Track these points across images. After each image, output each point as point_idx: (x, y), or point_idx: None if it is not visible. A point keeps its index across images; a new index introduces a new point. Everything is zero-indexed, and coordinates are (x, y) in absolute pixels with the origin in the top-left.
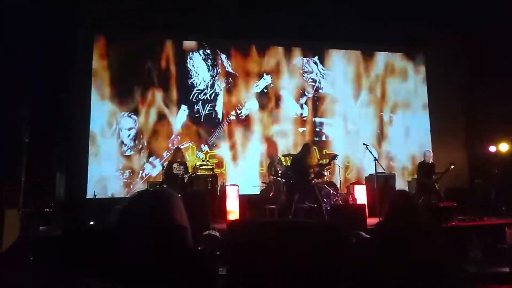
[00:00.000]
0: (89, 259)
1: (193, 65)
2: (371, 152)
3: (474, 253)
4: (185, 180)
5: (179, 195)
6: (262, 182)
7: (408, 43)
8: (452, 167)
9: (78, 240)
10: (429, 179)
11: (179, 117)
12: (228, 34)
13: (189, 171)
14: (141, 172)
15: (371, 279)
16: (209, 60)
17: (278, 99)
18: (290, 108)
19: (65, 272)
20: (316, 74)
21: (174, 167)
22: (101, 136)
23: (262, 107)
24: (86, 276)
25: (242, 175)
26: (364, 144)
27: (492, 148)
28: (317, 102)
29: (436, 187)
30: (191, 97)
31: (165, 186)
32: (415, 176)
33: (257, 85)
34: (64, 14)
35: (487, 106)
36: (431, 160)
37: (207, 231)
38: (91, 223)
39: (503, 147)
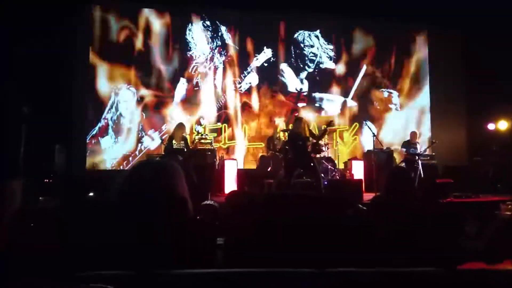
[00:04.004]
0: (89, 230)
1: (192, 37)
2: (370, 128)
3: (469, 229)
4: (185, 154)
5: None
6: (260, 157)
7: (411, 20)
8: (433, 144)
9: (78, 211)
10: (412, 156)
11: (178, 90)
12: (228, 6)
13: (189, 145)
14: (140, 145)
15: (367, 250)
16: (208, 32)
17: (278, 73)
18: (290, 82)
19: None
20: (318, 49)
21: (175, 143)
22: (100, 108)
23: (262, 81)
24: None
25: (241, 150)
26: (363, 120)
27: (491, 126)
28: (317, 77)
29: (419, 164)
30: (190, 70)
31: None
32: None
33: (257, 59)
34: None
35: (487, 84)
36: (416, 140)
37: (206, 202)
38: (91, 194)
39: (502, 125)
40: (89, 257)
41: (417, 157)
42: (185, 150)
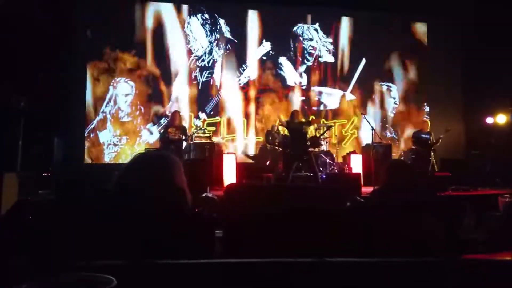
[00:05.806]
0: (88, 222)
1: (191, 30)
2: (368, 122)
3: (468, 222)
4: (183, 145)
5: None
6: (259, 152)
7: (409, 12)
8: (448, 131)
9: (76, 204)
10: (424, 148)
11: (177, 84)
12: None
13: (187, 134)
14: (138, 138)
15: (366, 242)
16: (207, 25)
17: (277, 66)
18: (289, 76)
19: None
20: (317, 42)
21: (170, 132)
22: (98, 102)
23: (260, 74)
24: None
25: (240, 143)
26: (362, 113)
27: (489, 120)
28: (316, 70)
29: (432, 156)
30: (188, 63)
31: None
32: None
33: (256, 52)
34: None
35: (485, 78)
36: (428, 129)
37: (205, 194)
38: (89, 187)
39: (501, 118)
40: (89, 248)
41: (430, 147)
42: (182, 140)
